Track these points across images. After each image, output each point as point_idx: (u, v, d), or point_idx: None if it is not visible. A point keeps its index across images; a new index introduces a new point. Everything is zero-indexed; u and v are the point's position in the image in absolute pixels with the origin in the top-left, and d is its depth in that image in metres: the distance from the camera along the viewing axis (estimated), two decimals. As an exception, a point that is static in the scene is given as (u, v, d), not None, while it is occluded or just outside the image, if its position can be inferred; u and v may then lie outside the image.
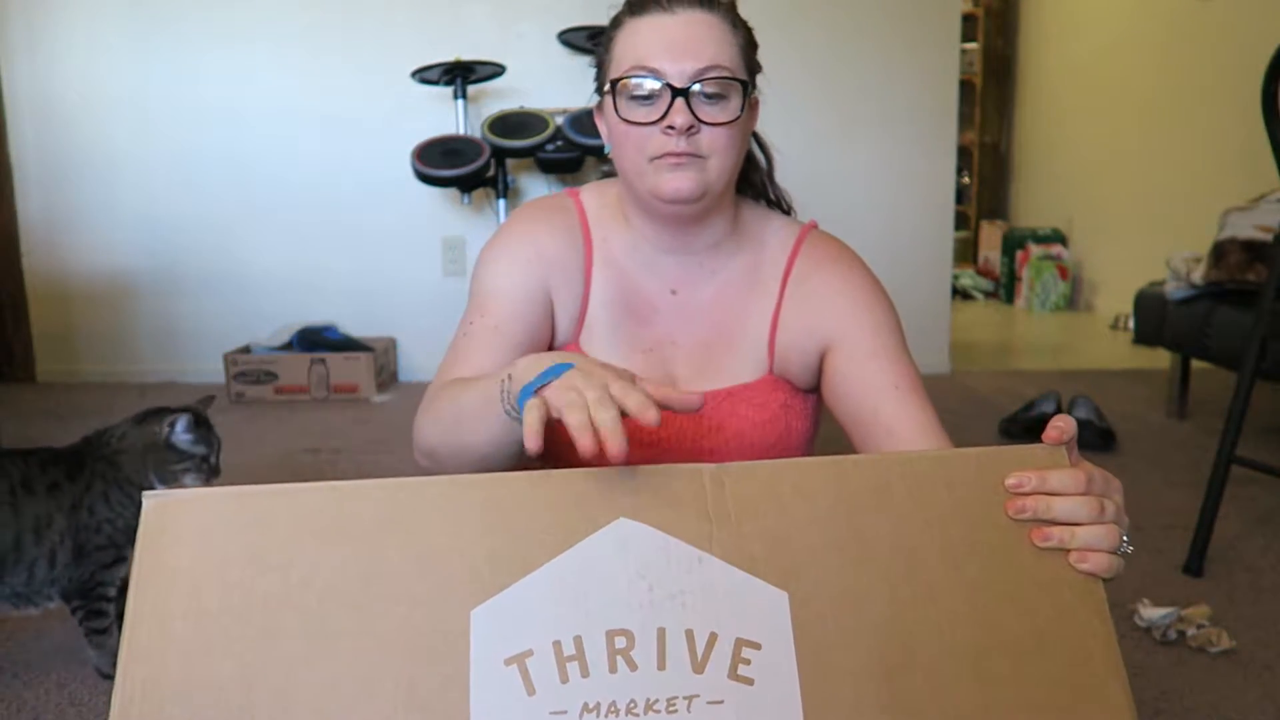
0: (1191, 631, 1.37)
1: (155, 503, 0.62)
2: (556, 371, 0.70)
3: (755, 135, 1.05)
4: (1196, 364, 2.72)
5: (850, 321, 0.97)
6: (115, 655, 1.26)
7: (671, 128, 0.88)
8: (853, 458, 0.67)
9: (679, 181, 0.90)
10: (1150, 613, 1.41)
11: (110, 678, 1.26)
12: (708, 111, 0.89)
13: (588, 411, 0.64)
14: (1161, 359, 2.96)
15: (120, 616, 1.26)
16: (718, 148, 0.91)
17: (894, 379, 0.94)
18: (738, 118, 0.90)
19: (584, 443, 0.62)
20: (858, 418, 0.95)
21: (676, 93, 0.88)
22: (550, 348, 1.01)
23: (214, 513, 0.62)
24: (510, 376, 0.75)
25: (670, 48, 0.89)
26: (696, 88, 0.88)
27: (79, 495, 1.25)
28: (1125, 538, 0.66)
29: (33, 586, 1.23)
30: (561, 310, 1.00)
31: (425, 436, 0.90)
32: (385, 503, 0.63)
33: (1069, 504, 0.64)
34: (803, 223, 1.06)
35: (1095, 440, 2.41)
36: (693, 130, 0.89)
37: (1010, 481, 0.65)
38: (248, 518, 0.62)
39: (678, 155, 0.89)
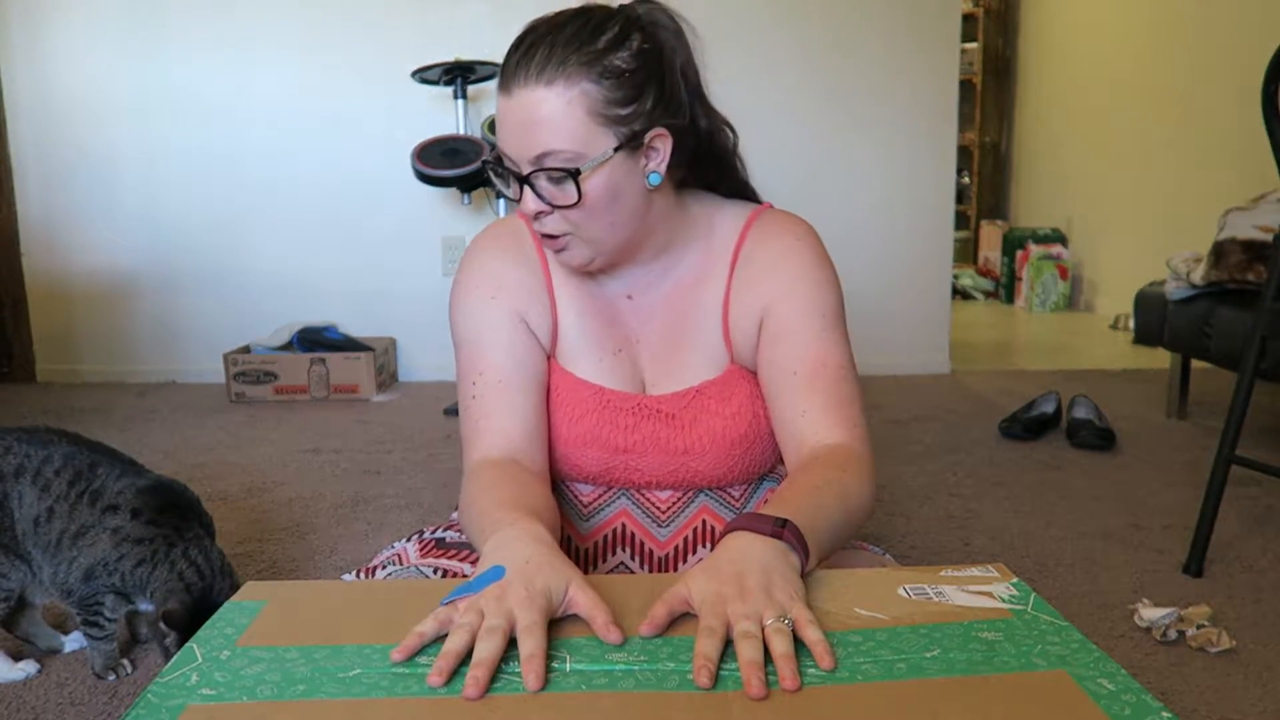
0: (1191, 631, 1.37)
1: None
2: (486, 580, 0.68)
3: (728, 126, 0.99)
4: (1196, 364, 2.72)
5: (783, 291, 0.95)
6: (107, 657, 1.26)
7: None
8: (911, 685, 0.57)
9: (565, 259, 0.91)
10: (1150, 613, 1.40)
11: (101, 678, 1.26)
12: (553, 194, 0.86)
13: (469, 638, 0.61)
14: (1161, 359, 2.96)
15: (137, 639, 1.26)
16: (578, 224, 0.88)
17: (795, 364, 0.93)
18: (577, 201, 0.85)
19: (438, 666, 0.59)
20: (767, 396, 0.96)
21: (523, 180, 0.86)
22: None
23: None
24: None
25: (510, 133, 0.85)
26: (539, 172, 0.85)
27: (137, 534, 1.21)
28: None
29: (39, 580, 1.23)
30: (538, 330, 0.99)
31: (461, 523, 0.91)
32: None
33: None
34: (757, 205, 1.02)
35: (1095, 440, 2.41)
36: (544, 213, 0.87)
37: None
38: None
39: (546, 238, 0.90)
